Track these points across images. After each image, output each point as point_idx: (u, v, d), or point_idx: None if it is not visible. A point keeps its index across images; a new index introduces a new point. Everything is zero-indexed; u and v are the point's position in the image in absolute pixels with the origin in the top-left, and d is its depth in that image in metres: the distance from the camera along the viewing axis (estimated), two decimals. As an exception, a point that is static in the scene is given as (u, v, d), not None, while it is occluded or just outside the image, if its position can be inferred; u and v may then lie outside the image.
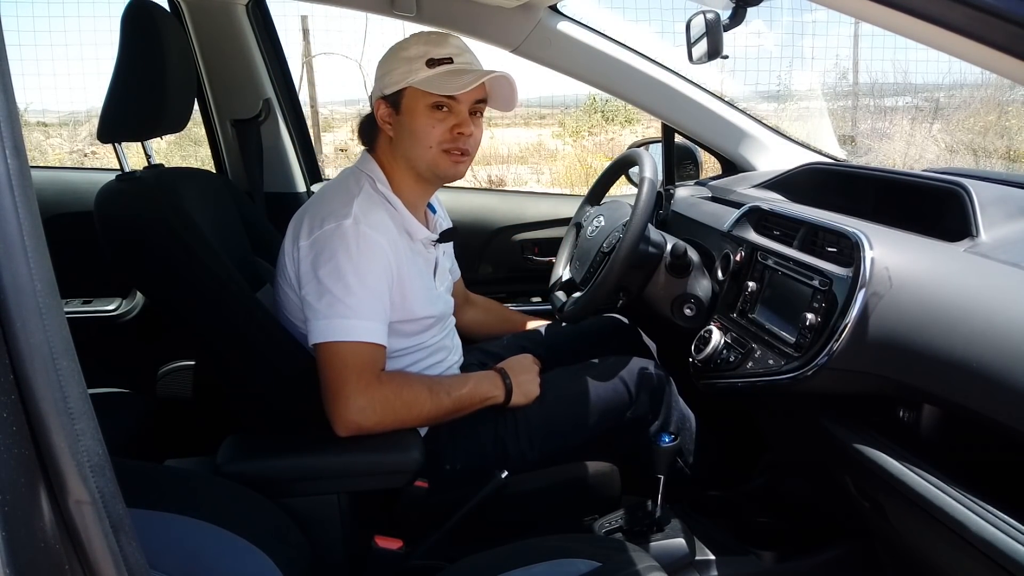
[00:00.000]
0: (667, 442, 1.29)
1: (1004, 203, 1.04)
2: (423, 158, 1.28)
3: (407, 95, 1.26)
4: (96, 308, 2.02)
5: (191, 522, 0.90)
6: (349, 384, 1.16)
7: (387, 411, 1.18)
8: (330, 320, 1.17)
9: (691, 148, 1.97)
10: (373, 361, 1.20)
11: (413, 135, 1.26)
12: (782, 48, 12.72)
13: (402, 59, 1.26)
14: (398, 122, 1.28)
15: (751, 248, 1.29)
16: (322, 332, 1.17)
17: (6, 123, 0.50)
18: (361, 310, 1.18)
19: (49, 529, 0.51)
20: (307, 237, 1.21)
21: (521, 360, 1.41)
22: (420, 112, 1.25)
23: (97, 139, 1.27)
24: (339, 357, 1.17)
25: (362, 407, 1.16)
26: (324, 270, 1.18)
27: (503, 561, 1.00)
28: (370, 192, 1.27)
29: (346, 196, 1.24)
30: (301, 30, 7.52)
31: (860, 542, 1.37)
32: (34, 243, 0.51)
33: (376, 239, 1.21)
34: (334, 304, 1.17)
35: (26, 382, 0.50)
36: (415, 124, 1.26)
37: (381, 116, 1.29)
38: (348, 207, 1.21)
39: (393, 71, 1.26)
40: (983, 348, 0.82)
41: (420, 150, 1.27)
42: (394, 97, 1.27)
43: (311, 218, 1.23)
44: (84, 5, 13.72)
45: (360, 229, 1.19)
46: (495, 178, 7.86)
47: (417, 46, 1.26)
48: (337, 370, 1.17)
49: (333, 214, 1.21)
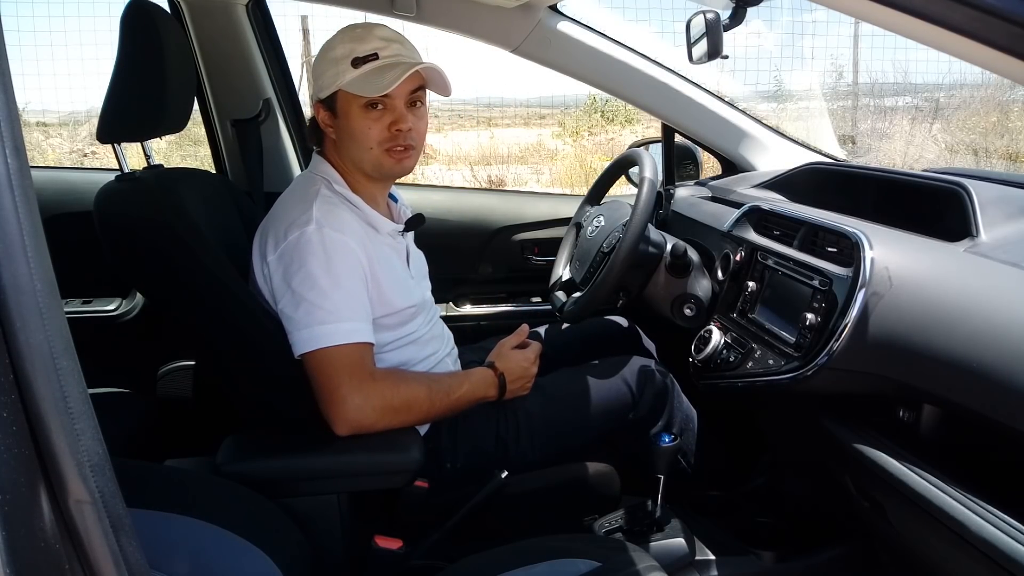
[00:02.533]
0: (667, 442, 1.29)
1: (1004, 203, 1.04)
2: (366, 159, 1.26)
3: (340, 98, 1.24)
4: (96, 308, 2.02)
5: (191, 522, 0.90)
6: (343, 386, 1.15)
7: (385, 408, 1.18)
8: (311, 328, 1.16)
9: (691, 148, 1.97)
10: (362, 360, 1.19)
11: (352, 137, 1.25)
12: (782, 48, 12.72)
13: (329, 61, 1.24)
14: (337, 125, 1.27)
15: (751, 248, 1.29)
16: (305, 342, 1.17)
17: (6, 123, 0.50)
18: (340, 312, 1.17)
19: (49, 529, 0.51)
20: (273, 251, 1.20)
21: (519, 362, 1.38)
22: (354, 114, 1.24)
23: (96, 139, 1.27)
24: (327, 363, 1.16)
25: (359, 405, 1.16)
26: (296, 280, 1.17)
27: (503, 561, 1.00)
28: (327, 194, 1.26)
29: (303, 203, 1.22)
30: (301, 30, 7.53)
31: (860, 542, 1.37)
32: (34, 243, 0.51)
33: (342, 240, 1.20)
34: (312, 312, 1.16)
35: (26, 382, 0.50)
36: (352, 127, 1.24)
37: (321, 120, 1.28)
38: (307, 213, 1.20)
39: (324, 74, 1.24)
40: (983, 348, 0.82)
41: (362, 152, 1.26)
42: (329, 100, 1.26)
43: (274, 232, 1.22)
44: (84, 5, 13.72)
45: (324, 233, 1.18)
46: (495, 178, 7.86)
47: (343, 44, 1.23)
48: (328, 376, 1.16)
49: (294, 224, 1.19)
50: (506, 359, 1.38)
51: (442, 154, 9.71)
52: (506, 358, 1.38)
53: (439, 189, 2.61)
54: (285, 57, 2.11)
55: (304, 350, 1.17)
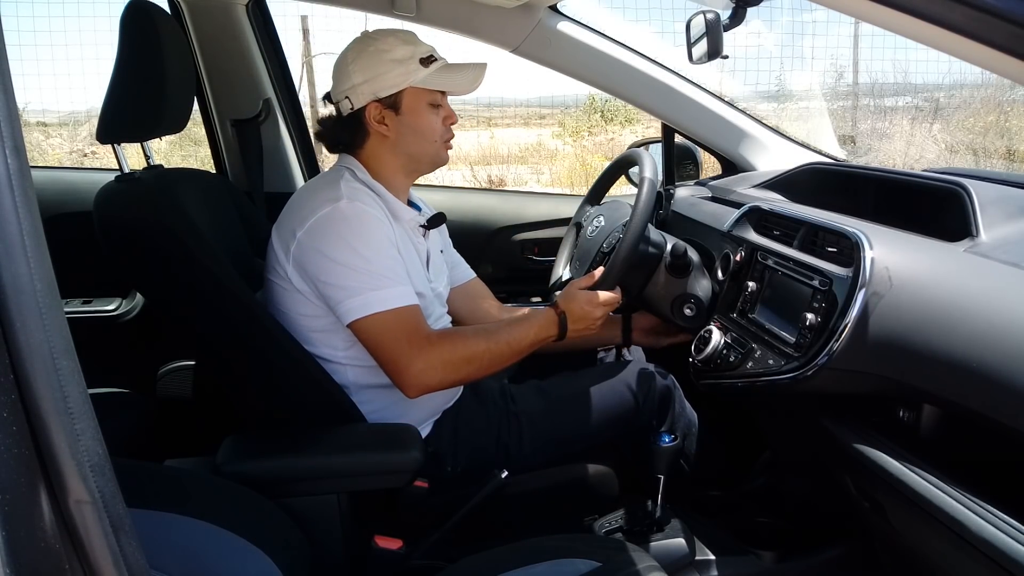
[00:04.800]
0: (667, 442, 1.29)
1: (1004, 203, 1.04)
2: (428, 152, 1.33)
3: (407, 95, 1.29)
4: (96, 308, 2.02)
5: (191, 522, 0.90)
6: (404, 352, 1.19)
7: (448, 369, 1.21)
8: (364, 295, 1.18)
9: (691, 148, 1.97)
10: (416, 322, 1.22)
11: (418, 133, 1.31)
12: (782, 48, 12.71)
13: (392, 61, 1.27)
14: (399, 122, 1.30)
15: (751, 248, 1.29)
16: (359, 308, 1.18)
17: (6, 123, 0.50)
18: (386, 278, 1.20)
19: (49, 529, 0.51)
20: (302, 227, 1.21)
21: (583, 303, 1.32)
22: (423, 111, 1.30)
23: (96, 140, 1.27)
24: (383, 329, 1.19)
25: (422, 369, 1.19)
26: (335, 250, 1.19)
27: (503, 561, 1.00)
28: (351, 180, 1.28)
29: (328, 186, 1.25)
30: (301, 30, 7.53)
31: (860, 542, 1.37)
32: (34, 243, 0.51)
33: (373, 212, 1.23)
34: (361, 278, 1.18)
35: (26, 382, 0.50)
36: (420, 122, 1.30)
37: (375, 119, 1.29)
38: (336, 191, 1.23)
39: (385, 74, 1.27)
40: (983, 348, 0.82)
41: (426, 145, 1.32)
42: (392, 99, 1.28)
43: (299, 214, 1.23)
44: (84, 5, 13.71)
45: (355, 206, 1.21)
46: (495, 178, 7.87)
47: (400, 47, 1.28)
48: (388, 343, 1.19)
49: (324, 200, 1.22)
50: (571, 299, 1.34)
51: (442, 154, 9.68)
52: (571, 298, 1.34)
53: (439, 189, 2.61)
54: (285, 57, 2.11)
55: (358, 316, 1.18)
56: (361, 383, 1.28)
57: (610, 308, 1.36)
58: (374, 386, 1.29)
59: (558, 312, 1.33)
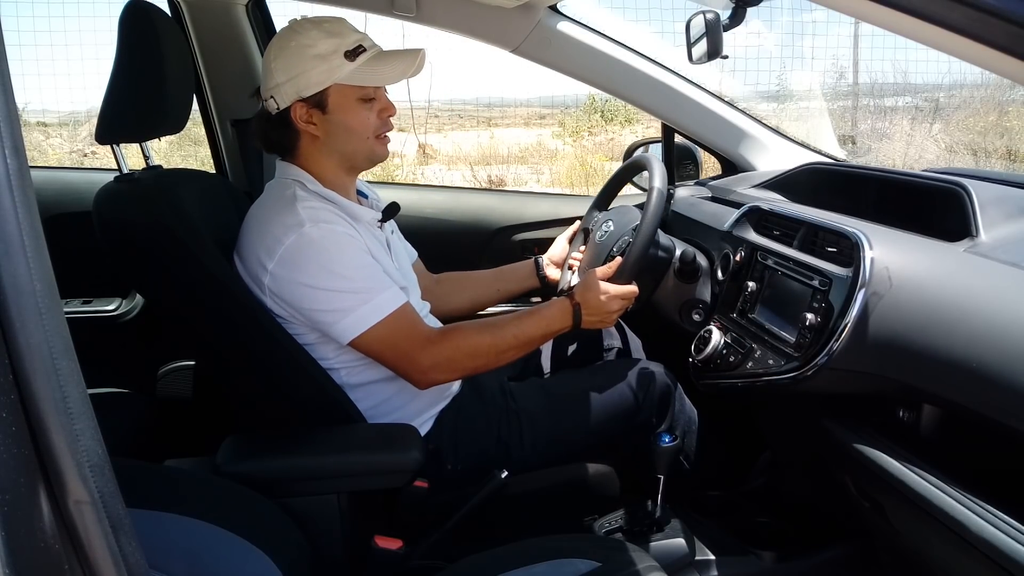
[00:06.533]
0: (667, 442, 1.29)
1: (1004, 203, 1.04)
2: (361, 150, 1.28)
3: (333, 92, 1.23)
4: (96, 308, 2.02)
5: (191, 522, 0.90)
6: (406, 355, 1.21)
7: (453, 365, 1.25)
8: (356, 311, 1.18)
9: (691, 148, 1.96)
10: (411, 320, 1.23)
11: (349, 130, 1.25)
12: (782, 48, 12.72)
13: (314, 57, 1.20)
14: (326, 121, 1.24)
15: (751, 248, 1.29)
16: (355, 325, 1.18)
17: (6, 123, 0.50)
18: (370, 288, 1.19)
19: (49, 529, 0.51)
20: (271, 259, 1.17)
21: (597, 295, 1.31)
22: (351, 107, 1.24)
23: (95, 140, 1.26)
24: (381, 339, 1.20)
25: (429, 366, 1.22)
26: (314, 278, 1.17)
27: (503, 561, 1.00)
28: (303, 195, 1.23)
29: (285, 209, 1.20)
30: (301, 30, 7.50)
31: (860, 542, 1.37)
32: (34, 243, 0.51)
33: (339, 230, 1.21)
34: (348, 297, 1.18)
35: (26, 382, 0.50)
36: (349, 119, 1.24)
37: (302, 118, 1.24)
38: (295, 216, 1.18)
39: (308, 72, 1.21)
40: (983, 348, 0.82)
41: (358, 143, 1.27)
42: (317, 97, 1.23)
43: (263, 243, 1.19)
44: (84, 5, 13.73)
45: (320, 227, 1.18)
46: (495, 178, 7.87)
47: (324, 40, 1.21)
48: (391, 350, 1.21)
49: (286, 228, 1.17)
50: (587, 290, 1.32)
51: (442, 154, 9.72)
52: (588, 288, 1.33)
53: (439, 189, 2.61)
54: (285, 57, 2.11)
55: (355, 334, 1.18)
56: (355, 382, 1.28)
57: (628, 302, 1.35)
58: (369, 382, 1.29)
59: (573, 303, 1.32)
